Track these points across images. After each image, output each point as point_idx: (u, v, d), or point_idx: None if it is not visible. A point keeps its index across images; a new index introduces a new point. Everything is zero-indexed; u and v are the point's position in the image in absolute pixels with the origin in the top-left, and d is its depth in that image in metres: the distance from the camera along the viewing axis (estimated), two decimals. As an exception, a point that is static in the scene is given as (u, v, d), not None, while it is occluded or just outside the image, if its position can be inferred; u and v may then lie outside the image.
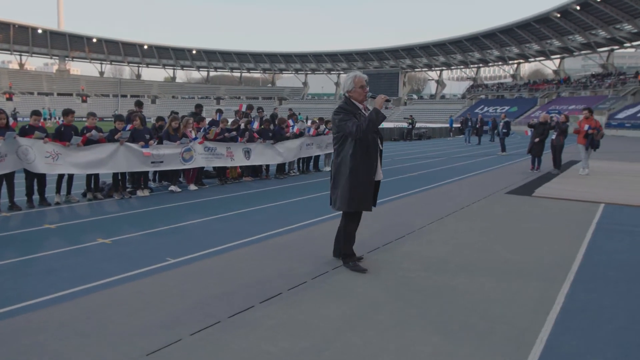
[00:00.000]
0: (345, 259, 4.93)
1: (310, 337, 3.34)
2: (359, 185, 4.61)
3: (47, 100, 73.34)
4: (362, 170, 4.61)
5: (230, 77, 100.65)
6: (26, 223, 6.78)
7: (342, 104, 4.78)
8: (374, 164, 4.70)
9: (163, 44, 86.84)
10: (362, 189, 4.63)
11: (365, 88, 4.77)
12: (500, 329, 3.53)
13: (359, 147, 4.61)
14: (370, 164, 4.68)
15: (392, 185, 11.24)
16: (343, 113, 4.67)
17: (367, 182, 4.65)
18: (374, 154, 4.69)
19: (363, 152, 4.61)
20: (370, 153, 4.66)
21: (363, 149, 4.62)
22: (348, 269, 4.82)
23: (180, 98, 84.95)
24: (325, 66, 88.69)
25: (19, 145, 7.38)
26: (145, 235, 6.19)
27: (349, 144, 4.66)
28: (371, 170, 4.68)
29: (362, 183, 4.62)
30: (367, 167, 4.64)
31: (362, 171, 4.61)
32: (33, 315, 3.65)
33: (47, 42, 77.84)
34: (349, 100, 4.77)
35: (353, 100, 4.78)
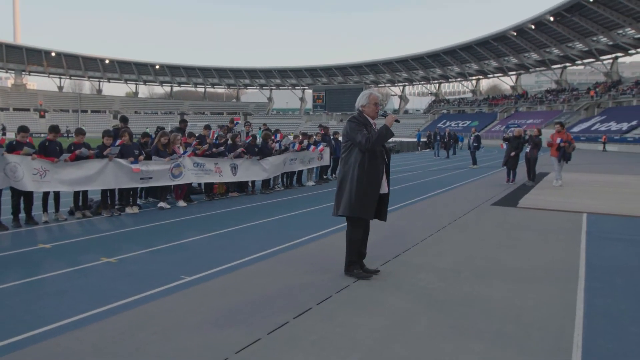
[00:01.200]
0: (349, 267, 5.04)
1: (357, 350, 3.33)
2: (363, 193, 4.77)
3: (3, 115, 70.68)
4: (368, 180, 4.78)
5: (194, 93, 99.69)
6: (18, 243, 6.49)
7: (356, 116, 4.97)
8: (379, 176, 4.87)
9: (125, 59, 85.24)
10: (366, 197, 4.78)
11: (379, 106, 5.02)
12: (536, 334, 3.62)
13: (367, 158, 4.79)
14: (376, 175, 4.84)
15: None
16: (355, 123, 4.87)
17: (371, 191, 4.79)
18: (380, 166, 4.88)
19: (370, 163, 4.79)
20: (377, 165, 4.83)
21: (370, 160, 4.80)
22: (353, 277, 4.94)
23: (143, 113, 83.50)
24: (290, 81, 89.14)
25: (7, 162, 7.08)
26: (150, 253, 6.02)
27: (357, 154, 4.85)
28: (376, 181, 4.83)
29: (366, 192, 4.77)
30: (372, 178, 4.80)
31: (368, 181, 4.78)
32: (61, 340, 3.49)
33: (2, 55, 75.21)
34: (362, 115, 4.97)
35: (365, 115, 4.98)
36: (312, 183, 14.08)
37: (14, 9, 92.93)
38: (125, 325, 3.74)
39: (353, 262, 5.04)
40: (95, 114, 79.87)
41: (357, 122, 4.86)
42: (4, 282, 4.84)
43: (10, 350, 3.33)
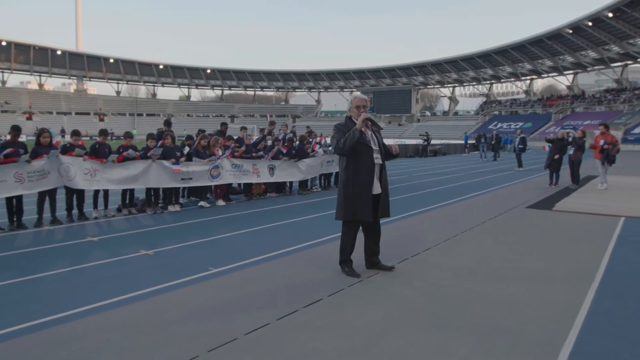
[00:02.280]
0: (341, 265, 5.22)
1: (356, 337, 3.59)
2: (349, 197, 4.90)
3: (66, 119, 75.03)
4: (353, 183, 4.90)
5: (244, 96, 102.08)
6: (69, 236, 7.15)
7: (340, 123, 5.09)
8: (367, 178, 4.92)
9: (178, 64, 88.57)
10: (353, 200, 4.89)
11: (361, 109, 5.00)
12: (531, 330, 3.75)
13: (351, 162, 4.94)
14: (362, 177, 4.91)
15: (412, 200, 11.50)
16: (335, 131, 5.05)
17: (358, 193, 4.89)
18: (366, 167, 4.91)
19: (354, 166, 4.91)
20: (361, 166, 4.90)
21: (355, 163, 4.92)
22: (344, 274, 5.10)
23: (195, 116, 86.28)
24: (338, 84, 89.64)
25: (60, 163, 7.78)
26: (184, 247, 6.50)
27: (342, 159, 5.06)
28: (363, 183, 4.90)
29: (353, 194, 4.89)
30: (358, 180, 4.89)
31: (353, 184, 4.90)
32: (94, 318, 3.95)
33: (65, 62, 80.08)
34: (350, 120, 5.10)
35: (353, 119, 5.08)
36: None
37: (77, 19, 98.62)
38: (151, 307, 4.18)
39: (345, 260, 5.18)
40: (150, 117, 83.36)
41: (337, 129, 5.01)
42: (54, 269, 5.44)
43: (53, 324, 3.83)
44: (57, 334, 3.64)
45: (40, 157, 7.56)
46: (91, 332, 3.66)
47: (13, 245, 6.58)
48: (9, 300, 4.49)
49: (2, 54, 75.09)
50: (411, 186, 14.59)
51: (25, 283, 4.99)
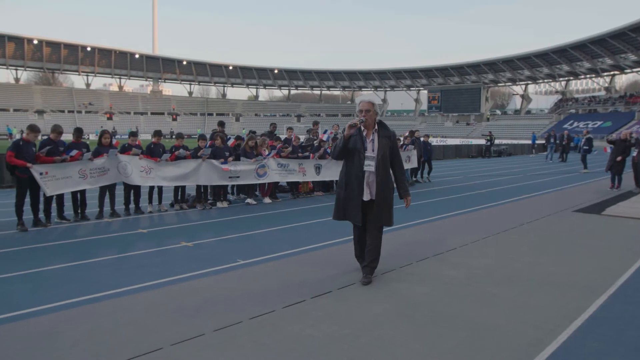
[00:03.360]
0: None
1: (350, 327, 3.87)
2: (340, 200, 5.05)
3: (142, 119, 79.82)
4: (345, 186, 5.01)
5: (311, 95, 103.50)
6: (124, 227, 7.90)
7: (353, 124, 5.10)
8: (355, 183, 4.91)
9: (247, 65, 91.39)
10: (342, 203, 5.02)
11: (362, 113, 4.93)
12: (524, 330, 3.85)
13: (344, 165, 5.08)
14: (351, 182, 4.94)
15: (455, 201, 11.47)
16: (340, 134, 5.19)
17: (347, 197, 4.97)
18: (355, 173, 4.91)
19: (345, 170, 5.03)
20: (351, 172, 4.95)
21: (346, 167, 5.04)
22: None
23: (262, 116, 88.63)
24: (405, 83, 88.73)
25: (119, 161, 8.58)
26: (221, 241, 7.03)
27: (343, 163, 5.16)
28: (351, 188, 4.92)
29: (343, 198, 5.01)
30: (347, 185, 4.97)
31: (345, 187, 5.01)
32: (121, 300, 4.50)
33: (143, 65, 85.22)
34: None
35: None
36: (398, 184, 14.42)
37: (153, 24, 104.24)
38: (175, 292, 4.67)
39: (357, 258, 5.33)
40: (220, 116, 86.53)
41: (342, 133, 5.09)
42: (104, 256, 6.13)
43: (91, 302, 4.42)
44: (86, 311, 4.21)
45: (101, 155, 8.39)
46: (115, 310, 4.20)
47: (75, 234, 7.40)
48: (62, 279, 5.17)
49: (87, 59, 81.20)
50: (460, 187, 14.46)
51: (79, 266, 5.67)
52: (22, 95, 76.29)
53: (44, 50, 77.16)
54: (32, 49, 76.35)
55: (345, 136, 4.88)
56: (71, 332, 3.73)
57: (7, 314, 4.15)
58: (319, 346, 3.53)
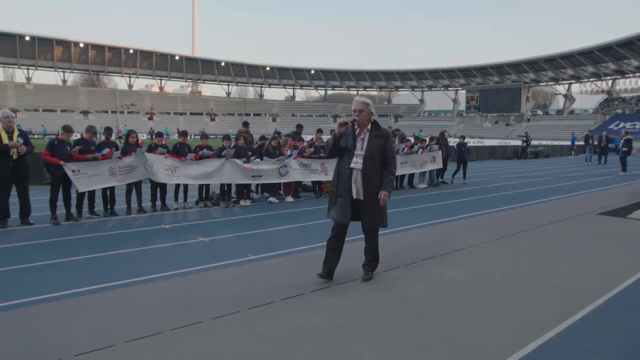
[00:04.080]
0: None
1: (342, 318, 4.07)
2: (332, 199, 5.09)
3: (181, 119, 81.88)
4: (336, 185, 5.06)
5: (347, 95, 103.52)
6: (148, 223, 8.32)
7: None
8: (343, 181, 4.97)
9: (284, 65, 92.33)
10: (334, 203, 5.04)
11: (356, 112, 4.96)
12: (510, 326, 3.94)
13: (337, 165, 5.12)
14: (341, 181, 4.99)
15: (478, 202, 11.44)
16: (332, 134, 5.24)
17: (337, 195, 5.00)
18: (344, 171, 4.97)
19: (338, 170, 5.07)
20: (341, 170, 5.02)
21: (339, 167, 5.08)
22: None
23: (299, 116, 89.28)
24: (442, 82, 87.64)
25: (145, 160, 9.02)
26: (237, 237, 7.33)
27: (337, 161, 5.18)
28: (342, 187, 4.96)
29: (335, 197, 5.04)
30: (337, 183, 5.03)
31: (336, 186, 5.06)
32: (136, 288, 4.84)
33: (182, 67, 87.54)
34: (351, 124, 5.07)
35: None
36: (424, 185, 14.45)
37: (193, 26, 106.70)
38: (182, 283, 4.98)
39: (324, 261, 5.13)
40: (257, 117, 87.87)
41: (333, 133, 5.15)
42: (125, 248, 6.52)
43: (110, 289, 4.79)
44: (100, 298, 4.55)
45: (129, 154, 8.84)
46: (126, 298, 4.53)
47: (102, 228, 7.85)
48: (85, 269, 5.57)
49: (129, 61, 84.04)
50: (487, 189, 14.34)
51: (101, 258, 6.08)
52: (68, 96, 79.70)
53: (89, 53, 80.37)
54: (78, 52, 79.66)
55: (336, 134, 4.95)
56: (84, 316, 4.07)
57: (33, 297, 4.55)
58: (306, 335, 3.73)
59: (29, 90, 77.26)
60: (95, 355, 3.37)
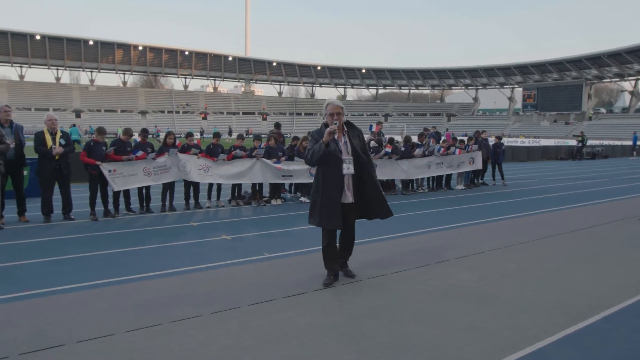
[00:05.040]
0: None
1: (335, 318, 4.15)
2: (318, 205, 4.93)
3: (234, 118, 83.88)
4: (322, 192, 4.90)
5: (399, 94, 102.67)
6: (179, 220, 8.69)
7: (315, 130, 5.08)
8: (334, 188, 4.86)
9: (335, 65, 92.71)
10: (321, 208, 4.90)
11: (334, 116, 4.88)
12: (503, 333, 3.87)
13: (320, 171, 4.97)
14: (330, 188, 4.87)
15: (514, 205, 11.16)
16: (310, 139, 5.07)
17: (325, 204, 4.87)
18: (334, 178, 4.86)
19: (324, 175, 4.91)
20: (329, 177, 4.87)
21: (324, 172, 4.91)
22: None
23: (350, 115, 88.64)
24: (498, 80, 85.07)
25: (179, 160, 9.41)
26: (259, 235, 7.54)
27: (318, 167, 5.03)
28: (331, 192, 4.85)
29: (320, 204, 4.91)
30: (326, 190, 4.87)
31: (322, 194, 4.90)
32: (154, 282, 5.12)
33: (235, 67, 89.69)
34: (325, 127, 4.96)
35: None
36: (461, 187, 14.19)
37: (246, 27, 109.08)
38: (192, 279, 5.22)
39: (328, 267, 5.17)
40: (308, 116, 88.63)
41: (311, 137, 5.03)
42: (151, 244, 6.88)
43: (137, 280, 5.12)
44: (119, 290, 4.85)
45: (163, 154, 9.26)
46: (135, 291, 4.80)
47: (135, 224, 8.29)
48: (108, 262, 5.94)
49: (185, 62, 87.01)
50: (528, 190, 13.91)
51: (128, 252, 6.46)
52: (128, 97, 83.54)
53: (147, 56, 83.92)
54: (137, 54, 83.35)
55: (325, 142, 4.81)
56: (90, 307, 4.37)
57: (54, 287, 4.92)
58: (296, 332, 3.84)
59: (92, 91, 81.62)
60: (95, 342, 3.63)
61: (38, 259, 6.01)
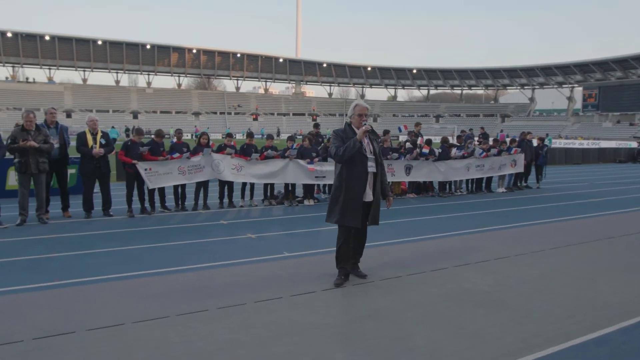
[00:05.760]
0: (337, 268, 5.27)
1: (334, 318, 4.19)
2: (341, 202, 5.02)
3: (284, 119, 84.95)
4: (345, 190, 5.00)
5: (451, 95, 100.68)
6: (210, 218, 8.94)
7: (340, 129, 5.22)
8: (359, 185, 5.00)
9: (385, 65, 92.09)
10: (343, 206, 4.99)
11: (363, 117, 5.10)
12: (508, 340, 3.78)
13: (345, 169, 5.04)
14: (355, 184, 4.99)
15: (555, 209, 10.77)
16: (334, 136, 5.15)
17: (348, 201, 4.98)
18: (360, 175, 4.99)
19: (348, 173, 5.01)
20: (355, 174, 4.99)
21: (348, 169, 5.01)
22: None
23: (400, 116, 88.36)
24: (556, 79, 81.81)
25: (213, 160, 9.68)
26: (284, 235, 7.66)
27: (338, 165, 5.14)
28: (354, 190, 4.97)
29: (343, 201, 4.99)
30: (350, 187, 4.98)
31: (345, 191, 5.00)
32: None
33: (286, 69, 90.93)
34: (349, 127, 5.15)
35: (353, 126, 5.14)
36: (502, 190, 13.77)
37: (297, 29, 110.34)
38: (208, 275, 5.40)
39: (340, 266, 5.23)
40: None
41: (336, 135, 5.13)
42: (179, 240, 7.14)
43: (158, 274, 5.36)
44: (135, 283, 5.09)
45: (198, 154, 9.55)
46: (149, 285, 5.02)
47: (167, 222, 8.60)
48: (133, 257, 6.23)
49: (237, 64, 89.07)
50: (573, 195, 13.34)
51: (155, 248, 6.73)
52: (182, 99, 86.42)
53: (201, 59, 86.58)
54: (191, 57, 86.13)
55: (359, 139, 4.93)
56: (104, 298, 4.60)
57: (83, 278, 5.22)
58: (294, 330, 3.90)
59: (149, 94, 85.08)
60: (104, 331, 3.84)
61: (71, 252, 6.38)
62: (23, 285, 4.98)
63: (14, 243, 6.91)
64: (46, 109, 8.45)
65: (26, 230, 7.61)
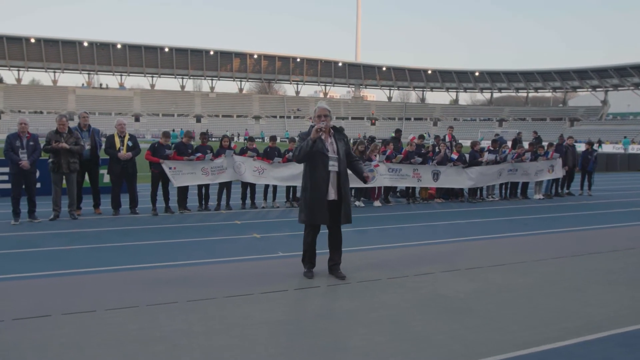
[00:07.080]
0: (303, 263, 5.60)
1: (300, 316, 4.36)
2: (306, 202, 5.26)
3: (343, 123, 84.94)
4: (310, 188, 5.22)
5: (516, 98, 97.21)
6: (226, 218, 9.31)
7: (304, 132, 5.44)
8: (321, 184, 5.17)
9: (446, 68, 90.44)
10: (309, 205, 5.22)
11: (322, 118, 5.22)
12: (453, 346, 3.76)
13: (309, 168, 5.27)
14: (317, 184, 5.17)
15: (587, 218, 10.33)
16: (299, 139, 5.40)
17: (313, 199, 5.20)
18: (321, 174, 5.17)
19: (312, 173, 5.22)
20: (317, 173, 5.18)
21: (311, 169, 5.23)
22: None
23: (461, 120, 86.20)
24: (631, 80, 76.73)
25: (234, 162, 10.06)
26: (289, 236, 7.85)
27: (305, 165, 5.35)
28: (317, 189, 5.17)
29: (309, 200, 5.22)
30: (313, 187, 5.19)
31: (310, 190, 5.22)
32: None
33: (345, 73, 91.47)
34: (311, 128, 5.26)
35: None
36: (539, 197, 13.23)
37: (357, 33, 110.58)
38: (200, 271, 5.68)
39: (305, 261, 5.56)
40: (418, 121, 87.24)
41: (300, 137, 5.41)
42: (191, 237, 7.58)
43: (162, 267, 5.78)
44: (111, 277, 5.47)
45: (220, 156, 9.96)
46: (140, 276, 5.36)
47: (186, 220, 9.04)
48: (150, 250, 6.73)
49: (297, 69, 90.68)
50: (618, 203, 12.63)
51: (164, 244, 7.16)
52: (244, 103, 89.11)
53: (262, 63, 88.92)
54: (252, 62, 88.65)
55: (312, 139, 5.11)
56: (120, 285, 5.00)
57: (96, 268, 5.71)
58: (245, 325, 4.08)
59: (212, 98, 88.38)
60: (121, 312, 4.32)
61: (87, 245, 6.92)
62: (27, 273, 5.51)
63: (41, 235, 7.57)
64: (79, 113, 9.14)
65: (56, 225, 8.30)
